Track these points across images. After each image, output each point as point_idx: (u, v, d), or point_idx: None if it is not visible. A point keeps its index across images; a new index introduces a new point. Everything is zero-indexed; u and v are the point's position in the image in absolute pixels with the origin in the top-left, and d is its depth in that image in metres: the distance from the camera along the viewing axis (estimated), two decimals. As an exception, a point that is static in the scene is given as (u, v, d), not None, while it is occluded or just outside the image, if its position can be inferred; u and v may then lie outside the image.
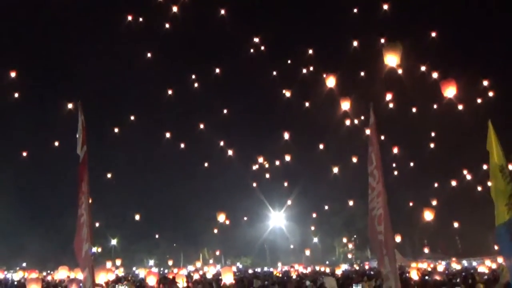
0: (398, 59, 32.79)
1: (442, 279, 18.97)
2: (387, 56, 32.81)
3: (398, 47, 32.69)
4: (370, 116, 9.52)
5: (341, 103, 43.81)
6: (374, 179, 9.32)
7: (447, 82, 37.47)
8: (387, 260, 8.85)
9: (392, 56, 32.49)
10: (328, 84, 43.12)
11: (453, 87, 36.93)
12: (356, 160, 51.99)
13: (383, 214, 8.87)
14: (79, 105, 9.02)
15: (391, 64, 34.14)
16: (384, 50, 33.72)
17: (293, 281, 23.38)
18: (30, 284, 18.72)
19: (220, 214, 53.89)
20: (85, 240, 8.33)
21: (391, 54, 32.57)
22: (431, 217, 46.10)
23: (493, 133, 9.01)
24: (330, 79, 42.91)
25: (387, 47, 33.44)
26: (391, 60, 32.93)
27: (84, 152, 8.56)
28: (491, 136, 9.00)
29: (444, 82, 38.09)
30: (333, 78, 42.69)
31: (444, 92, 37.30)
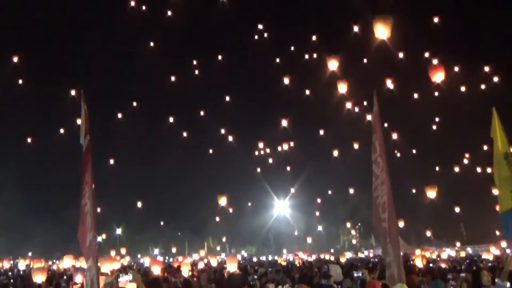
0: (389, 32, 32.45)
1: (446, 266, 19.00)
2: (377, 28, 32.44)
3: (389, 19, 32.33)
4: (374, 104, 9.49)
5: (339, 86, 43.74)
6: (378, 167, 9.31)
7: (435, 68, 37.38)
8: (390, 247, 8.86)
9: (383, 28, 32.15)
10: (330, 67, 42.92)
11: (441, 72, 36.85)
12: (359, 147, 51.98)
13: (386, 202, 8.88)
14: (81, 94, 9.00)
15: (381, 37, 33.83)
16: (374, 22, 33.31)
17: (296, 269, 23.45)
18: (35, 273, 18.78)
19: (221, 197, 53.59)
20: (89, 229, 8.35)
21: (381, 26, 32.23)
22: (434, 195, 46.01)
23: (497, 120, 8.97)
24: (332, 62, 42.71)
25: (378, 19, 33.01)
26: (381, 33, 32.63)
27: (87, 141, 8.55)
28: (495, 124, 8.97)
29: (432, 67, 37.97)
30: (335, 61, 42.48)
31: (432, 77, 37.23)
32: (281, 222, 69.51)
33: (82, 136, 8.64)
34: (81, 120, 8.80)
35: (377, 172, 9.32)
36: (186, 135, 58.64)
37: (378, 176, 9.27)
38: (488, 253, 32.25)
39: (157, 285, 6.92)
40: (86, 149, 8.58)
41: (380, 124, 9.49)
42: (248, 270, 23.31)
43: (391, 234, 8.92)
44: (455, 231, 60.42)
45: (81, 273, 16.03)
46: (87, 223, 8.39)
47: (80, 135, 8.69)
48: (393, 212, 8.86)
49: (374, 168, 9.43)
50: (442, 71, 37.07)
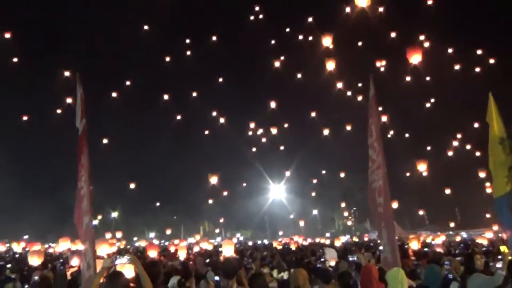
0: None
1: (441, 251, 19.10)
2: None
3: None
4: (370, 88, 9.49)
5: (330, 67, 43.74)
6: (374, 151, 9.34)
7: (413, 49, 37.34)
8: (385, 232, 8.92)
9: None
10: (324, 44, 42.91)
11: (419, 54, 36.85)
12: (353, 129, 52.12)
13: (382, 186, 8.92)
14: (77, 77, 8.95)
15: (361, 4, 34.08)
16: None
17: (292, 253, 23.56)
18: (32, 256, 18.82)
19: (212, 176, 53.41)
20: (85, 212, 8.37)
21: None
22: (424, 168, 46.10)
23: (494, 105, 8.99)
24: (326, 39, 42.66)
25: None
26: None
27: (83, 124, 8.55)
28: (492, 108, 8.98)
29: (410, 49, 37.92)
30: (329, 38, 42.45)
31: (410, 58, 37.23)
32: (276, 206, 69.69)
33: (78, 119, 8.63)
34: (77, 104, 8.78)
35: (373, 156, 9.35)
36: (180, 117, 58.44)
37: (374, 160, 9.29)
38: (482, 238, 32.38)
39: (157, 267, 6.92)
40: (82, 132, 8.57)
41: (376, 108, 9.51)
42: (244, 253, 23.40)
43: (386, 219, 8.97)
44: (449, 215, 60.76)
45: (77, 256, 16.05)
46: (83, 207, 8.41)
47: (76, 118, 8.68)
48: (389, 197, 8.91)
49: (370, 152, 9.45)
50: (419, 53, 37.04)
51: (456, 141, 56.80)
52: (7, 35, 45.09)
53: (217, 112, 58.45)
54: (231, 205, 66.07)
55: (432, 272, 9.71)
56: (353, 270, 10.28)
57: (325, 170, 65.19)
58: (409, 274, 8.00)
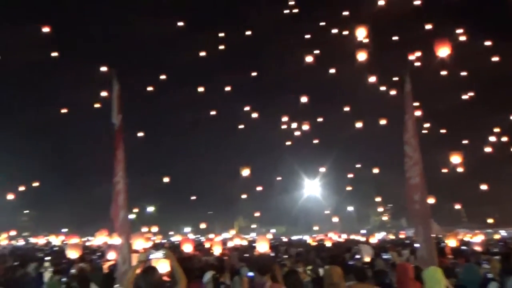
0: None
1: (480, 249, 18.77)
2: None
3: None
4: (406, 83, 9.36)
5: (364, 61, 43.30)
6: (410, 147, 9.21)
7: (441, 42, 36.52)
8: (422, 229, 8.80)
9: None
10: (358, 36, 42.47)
11: (447, 46, 36.05)
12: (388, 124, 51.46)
13: (419, 183, 8.79)
14: (113, 73, 9.07)
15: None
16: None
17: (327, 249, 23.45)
18: (70, 249, 19.21)
19: (244, 169, 53.31)
20: (121, 207, 8.49)
21: None
22: (459, 161, 45.15)
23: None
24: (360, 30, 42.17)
25: None
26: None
27: (120, 120, 8.66)
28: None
29: (438, 41, 37.08)
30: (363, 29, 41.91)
31: (438, 51, 36.44)
32: (311, 201, 69.48)
33: (114, 115, 8.75)
34: (113, 99, 8.90)
35: (409, 152, 9.22)
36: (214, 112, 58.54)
37: (411, 156, 9.17)
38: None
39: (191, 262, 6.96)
40: (119, 128, 8.69)
41: (412, 104, 9.36)
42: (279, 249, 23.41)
43: (423, 216, 8.85)
44: (488, 212, 59.58)
45: (113, 249, 16.30)
46: (120, 201, 8.53)
47: (112, 113, 8.79)
48: (425, 194, 8.79)
49: (406, 148, 9.32)
50: (448, 45, 36.27)
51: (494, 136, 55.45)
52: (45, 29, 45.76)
53: (250, 106, 58.36)
54: (266, 201, 66.04)
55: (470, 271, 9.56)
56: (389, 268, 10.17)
57: (360, 166, 64.56)
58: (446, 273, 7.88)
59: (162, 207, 68.16)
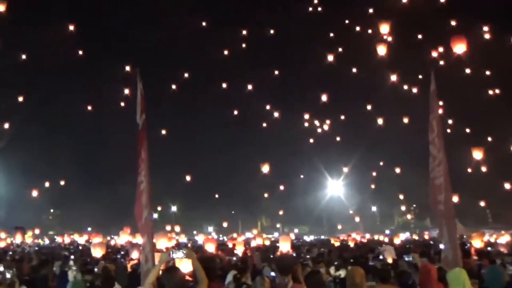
0: None
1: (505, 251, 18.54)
2: None
3: None
4: (431, 82, 9.28)
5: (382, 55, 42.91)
6: (435, 148, 9.15)
7: (457, 39, 36.04)
8: (446, 230, 8.72)
9: None
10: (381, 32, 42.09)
11: (463, 43, 35.54)
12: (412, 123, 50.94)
13: (443, 184, 8.71)
14: (137, 72, 9.14)
15: None
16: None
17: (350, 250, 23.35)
18: (95, 248, 19.50)
19: (264, 165, 52.89)
20: (145, 206, 8.55)
21: None
22: (480, 157, 44.47)
23: None
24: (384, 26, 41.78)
25: None
26: None
27: (143, 120, 8.74)
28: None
29: (454, 38, 36.59)
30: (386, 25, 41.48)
31: (454, 48, 35.97)
32: (334, 201, 69.19)
33: (138, 115, 8.83)
34: (137, 99, 8.97)
35: (434, 152, 9.16)
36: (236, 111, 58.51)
37: (436, 157, 9.10)
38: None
39: (213, 262, 6.99)
40: (142, 127, 8.77)
41: (437, 103, 9.30)
42: (302, 249, 23.37)
43: (447, 217, 8.77)
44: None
45: (137, 249, 16.47)
46: (143, 200, 8.60)
47: (137, 113, 8.88)
48: (450, 194, 8.71)
49: (431, 148, 9.27)
50: (463, 42, 35.78)
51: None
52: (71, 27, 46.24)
53: (273, 105, 58.23)
54: (289, 200, 65.88)
55: (494, 273, 9.44)
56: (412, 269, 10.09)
57: (384, 165, 64.02)
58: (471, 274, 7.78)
59: (185, 206, 68.44)
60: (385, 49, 42.92)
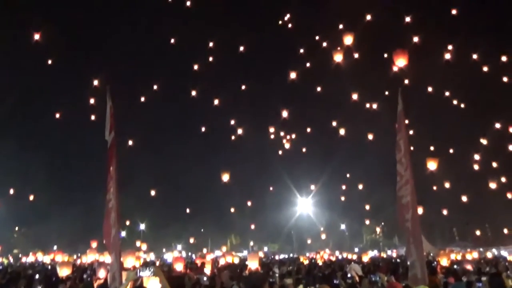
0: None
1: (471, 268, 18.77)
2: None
3: None
4: (398, 102, 9.41)
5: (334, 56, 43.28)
6: (402, 166, 9.25)
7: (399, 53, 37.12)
8: (414, 248, 8.80)
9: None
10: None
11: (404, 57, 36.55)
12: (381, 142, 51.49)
13: (410, 202, 8.81)
14: (107, 89, 9.06)
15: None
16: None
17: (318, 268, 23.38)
18: (61, 267, 19.15)
19: (224, 173, 52.32)
20: (113, 225, 8.44)
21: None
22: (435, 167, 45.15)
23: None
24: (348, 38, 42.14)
25: None
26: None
27: (112, 137, 8.65)
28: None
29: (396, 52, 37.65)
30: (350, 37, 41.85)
31: (396, 61, 37.02)
32: (304, 219, 69.31)
33: (107, 132, 8.74)
34: (107, 116, 8.89)
35: (401, 171, 9.26)
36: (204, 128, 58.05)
37: (403, 175, 9.20)
38: None
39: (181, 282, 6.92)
40: (111, 145, 8.67)
41: (404, 123, 9.42)
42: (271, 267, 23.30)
43: (414, 234, 8.85)
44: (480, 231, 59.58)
45: (104, 268, 16.23)
46: (111, 219, 8.49)
47: (106, 130, 8.79)
48: (417, 212, 8.81)
49: (398, 167, 9.37)
50: (405, 56, 36.81)
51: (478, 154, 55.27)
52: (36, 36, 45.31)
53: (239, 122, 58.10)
54: (259, 218, 65.81)
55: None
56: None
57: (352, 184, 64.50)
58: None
59: (154, 224, 67.70)
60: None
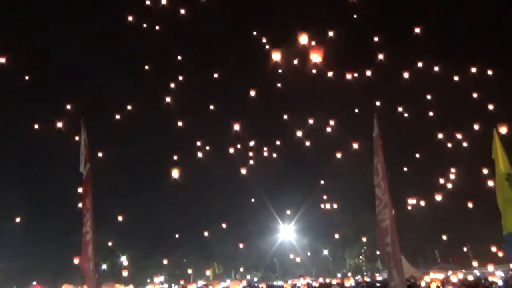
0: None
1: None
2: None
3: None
4: (374, 127, 9.53)
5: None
6: (380, 190, 9.33)
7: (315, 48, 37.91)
8: (395, 272, 8.83)
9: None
10: None
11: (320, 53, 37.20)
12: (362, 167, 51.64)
13: (389, 226, 8.87)
14: (82, 123, 9.05)
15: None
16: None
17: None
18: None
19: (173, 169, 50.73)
20: (90, 259, 8.35)
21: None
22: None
23: (498, 142, 8.99)
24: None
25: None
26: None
27: (87, 169, 8.61)
28: (496, 145, 8.99)
29: (312, 48, 38.44)
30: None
31: (311, 56, 37.77)
32: (286, 246, 69.01)
33: (82, 164, 8.70)
34: (81, 149, 8.86)
35: (380, 195, 9.34)
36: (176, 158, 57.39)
37: (382, 199, 9.27)
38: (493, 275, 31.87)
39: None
40: (87, 177, 8.63)
41: (381, 147, 9.51)
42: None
43: (395, 258, 8.88)
44: (462, 252, 59.89)
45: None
46: (89, 252, 8.39)
47: (80, 163, 8.74)
48: (396, 236, 8.85)
49: (377, 191, 9.45)
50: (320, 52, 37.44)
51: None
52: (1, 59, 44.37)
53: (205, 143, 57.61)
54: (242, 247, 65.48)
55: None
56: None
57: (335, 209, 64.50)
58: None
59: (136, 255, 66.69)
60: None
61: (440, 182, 55.04)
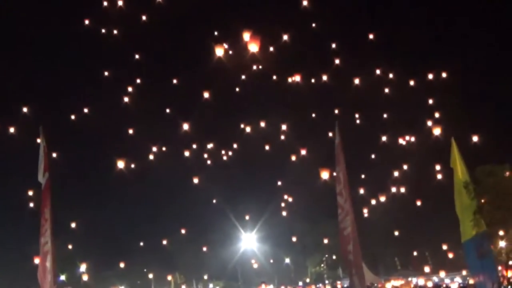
0: None
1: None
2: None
3: None
4: (336, 135, 9.60)
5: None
6: (342, 198, 9.40)
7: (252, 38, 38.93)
8: (357, 279, 8.89)
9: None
10: None
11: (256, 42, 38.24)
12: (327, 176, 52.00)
13: (351, 234, 8.93)
14: (40, 130, 8.84)
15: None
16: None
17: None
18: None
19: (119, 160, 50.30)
20: (49, 271, 8.14)
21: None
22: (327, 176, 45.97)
23: (457, 150, 9.16)
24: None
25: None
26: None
27: (46, 178, 8.41)
28: (455, 153, 9.16)
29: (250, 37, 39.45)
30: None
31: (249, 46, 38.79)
32: (248, 255, 68.76)
33: (40, 173, 8.50)
34: (40, 158, 8.64)
35: (341, 203, 9.41)
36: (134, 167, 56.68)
37: (343, 207, 9.34)
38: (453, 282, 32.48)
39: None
40: (45, 186, 8.43)
41: (343, 155, 9.58)
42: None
43: (356, 266, 8.95)
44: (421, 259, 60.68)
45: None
46: (47, 263, 8.19)
47: (39, 172, 8.53)
48: (358, 244, 8.91)
49: (339, 199, 9.53)
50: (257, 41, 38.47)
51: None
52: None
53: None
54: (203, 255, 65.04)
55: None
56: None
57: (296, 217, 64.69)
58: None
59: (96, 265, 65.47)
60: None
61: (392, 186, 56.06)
